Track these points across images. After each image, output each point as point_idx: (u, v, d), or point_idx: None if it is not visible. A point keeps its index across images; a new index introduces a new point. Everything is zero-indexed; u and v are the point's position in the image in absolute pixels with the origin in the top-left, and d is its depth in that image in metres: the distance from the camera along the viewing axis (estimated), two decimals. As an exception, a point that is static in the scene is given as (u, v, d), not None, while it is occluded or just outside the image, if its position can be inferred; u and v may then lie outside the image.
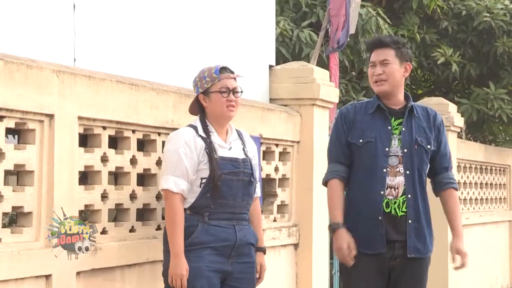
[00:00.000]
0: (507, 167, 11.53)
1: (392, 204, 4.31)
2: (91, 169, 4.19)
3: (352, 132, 4.42)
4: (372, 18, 9.33)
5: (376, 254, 4.30)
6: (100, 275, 4.13)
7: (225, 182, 4.09)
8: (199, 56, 5.64)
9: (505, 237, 11.51)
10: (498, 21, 11.26)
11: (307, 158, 6.14)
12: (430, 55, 11.40)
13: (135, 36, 5.22)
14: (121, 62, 5.00)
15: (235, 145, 4.24)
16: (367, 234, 4.31)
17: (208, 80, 4.17)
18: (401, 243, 4.31)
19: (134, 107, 4.37)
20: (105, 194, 4.24)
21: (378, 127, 4.38)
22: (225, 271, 4.11)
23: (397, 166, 4.33)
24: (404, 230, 4.30)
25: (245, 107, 5.42)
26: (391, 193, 4.31)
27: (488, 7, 11.33)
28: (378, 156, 4.33)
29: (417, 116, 4.42)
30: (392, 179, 4.32)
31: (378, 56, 4.41)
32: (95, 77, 4.13)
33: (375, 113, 4.41)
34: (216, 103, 4.16)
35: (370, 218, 4.31)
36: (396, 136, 4.36)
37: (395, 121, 4.40)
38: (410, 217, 4.31)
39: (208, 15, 5.95)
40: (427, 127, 4.42)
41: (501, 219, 11.27)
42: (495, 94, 11.45)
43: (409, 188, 4.32)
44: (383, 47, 4.41)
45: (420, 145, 4.36)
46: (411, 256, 4.31)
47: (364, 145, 4.37)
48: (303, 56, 8.69)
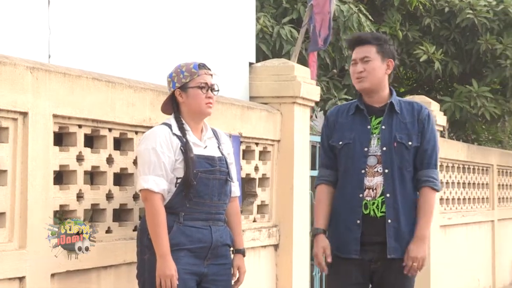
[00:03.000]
0: (489, 167, 11.53)
1: (371, 205, 4.26)
2: (66, 168, 4.13)
3: (334, 134, 4.40)
4: (353, 15, 9.28)
5: (352, 258, 4.23)
6: (76, 277, 4.06)
7: (201, 181, 4.03)
8: (177, 52, 5.57)
9: (487, 238, 11.52)
10: (481, 18, 11.26)
11: (287, 157, 6.08)
12: (412, 52, 11.38)
13: (111, 33, 5.15)
14: (97, 59, 4.94)
15: (211, 143, 4.19)
16: (344, 238, 4.30)
17: (186, 75, 4.11)
18: (381, 245, 4.25)
19: (111, 105, 4.30)
20: (81, 194, 4.18)
21: (357, 127, 4.35)
22: (200, 273, 4.06)
23: (375, 166, 4.28)
24: (383, 231, 4.24)
25: (225, 105, 5.36)
26: (369, 194, 4.26)
27: (471, 4, 11.33)
28: (356, 157, 4.30)
29: (398, 112, 4.34)
30: (370, 180, 4.28)
31: (359, 53, 4.36)
32: (71, 74, 4.07)
33: (355, 113, 4.38)
34: (195, 99, 4.10)
35: (349, 221, 4.28)
36: (375, 135, 4.31)
37: (376, 119, 4.34)
38: (389, 217, 4.25)
39: (187, 11, 5.89)
40: (409, 122, 4.34)
41: (483, 219, 11.27)
42: (478, 92, 11.46)
43: (388, 187, 4.26)
44: (364, 44, 4.36)
45: (399, 142, 4.29)
46: (391, 257, 4.24)
47: (343, 147, 4.35)
48: (283, 53, 8.63)
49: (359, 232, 4.25)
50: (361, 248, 4.26)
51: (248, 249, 4.86)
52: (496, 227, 11.77)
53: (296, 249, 6.09)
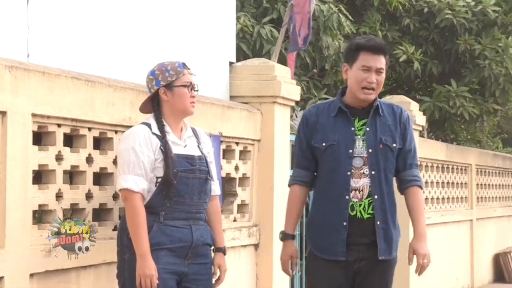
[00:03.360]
0: (468, 166, 11.59)
1: (357, 206, 4.23)
2: (46, 168, 4.10)
3: (315, 135, 4.33)
4: (333, 14, 9.29)
5: (337, 260, 4.23)
6: (55, 277, 4.04)
7: (181, 180, 4.02)
8: (157, 52, 5.55)
9: (466, 237, 11.57)
10: (460, 18, 11.32)
11: (268, 156, 6.08)
12: (392, 52, 11.40)
13: (91, 31, 5.12)
14: (76, 58, 4.90)
15: (190, 142, 4.17)
16: (330, 240, 4.26)
17: (172, 74, 4.09)
18: (367, 246, 4.24)
19: (90, 104, 4.28)
20: (60, 194, 4.15)
21: (341, 129, 4.29)
22: (181, 273, 4.04)
23: (362, 167, 4.25)
24: (369, 232, 4.23)
25: (205, 104, 5.35)
26: (356, 195, 4.23)
27: (450, 5, 11.38)
28: (341, 159, 4.25)
29: (382, 114, 4.33)
30: (357, 181, 4.24)
31: (375, 62, 4.22)
32: (50, 73, 4.04)
33: (338, 115, 4.32)
34: (180, 98, 4.09)
35: (335, 223, 4.24)
36: (360, 137, 4.27)
37: (359, 121, 4.31)
38: (378, 219, 4.23)
39: (167, 10, 5.87)
40: (392, 125, 4.33)
41: (462, 219, 11.32)
42: (457, 92, 11.52)
43: (375, 189, 4.24)
44: (381, 54, 4.25)
45: (385, 144, 4.28)
46: (382, 258, 4.24)
47: (327, 148, 4.29)
48: (264, 52, 8.62)
49: (345, 233, 4.22)
50: (346, 248, 4.24)
51: (228, 249, 4.85)
52: (475, 226, 11.83)
53: (276, 248, 6.07)
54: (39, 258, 3.87)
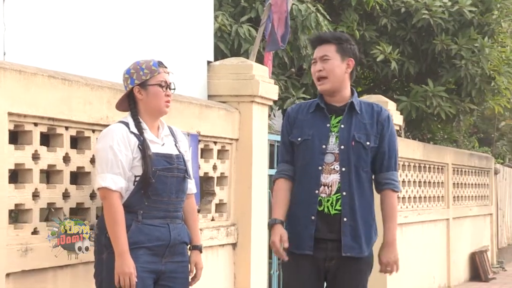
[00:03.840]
0: (445, 165, 11.65)
1: (325, 202, 4.27)
2: (22, 167, 4.07)
3: (294, 130, 4.42)
4: (311, 14, 9.29)
5: (306, 255, 4.24)
6: (31, 277, 4.01)
7: (160, 179, 4.02)
8: (134, 50, 5.53)
9: (442, 236, 11.64)
10: (437, 18, 11.36)
11: (246, 156, 6.07)
12: (369, 52, 11.44)
13: (68, 30, 5.08)
14: (53, 56, 4.87)
15: (168, 141, 4.19)
16: (298, 234, 4.31)
17: (146, 72, 4.09)
18: (334, 243, 4.26)
19: (67, 103, 4.26)
20: (37, 193, 4.12)
21: (317, 125, 4.36)
22: (158, 271, 4.05)
23: (332, 163, 4.29)
24: (337, 229, 4.26)
25: (183, 103, 5.33)
26: (325, 191, 4.28)
27: (427, 5, 11.42)
28: (314, 153, 4.31)
29: (359, 112, 4.36)
30: (326, 177, 4.29)
31: (319, 52, 4.39)
32: (26, 72, 4.01)
33: (316, 111, 4.40)
34: (155, 97, 4.09)
35: (304, 217, 4.30)
36: (334, 133, 4.33)
37: (335, 118, 4.36)
38: (345, 215, 4.26)
39: (144, 8, 5.84)
40: (369, 123, 4.36)
41: (439, 218, 11.38)
42: (433, 91, 11.56)
43: (345, 186, 4.27)
44: (324, 43, 4.39)
45: (357, 141, 4.30)
46: (346, 255, 4.26)
47: (302, 143, 4.36)
48: (242, 52, 8.61)
49: (313, 228, 4.26)
50: (314, 245, 4.27)
51: (206, 248, 4.85)
52: (451, 225, 11.89)
53: (254, 247, 6.09)
54: (15, 258, 3.84)
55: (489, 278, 12.99)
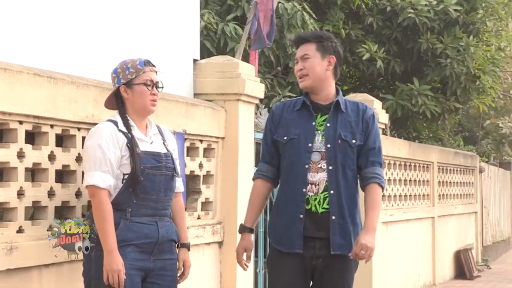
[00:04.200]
0: (430, 164, 11.69)
1: (313, 200, 4.28)
2: (7, 165, 4.06)
3: (278, 129, 4.41)
4: (297, 12, 9.29)
5: (294, 253, 4.25)
6: (16, 276, 3.99)
7: (148, 177, 4.04)
8: (120, 48, 5.51)
9: (428, 234, 11.68)
10: (422, 17, 11.40)
11: (232, 154, 6.07)
12: (355, 51, 11.46)
13: (53, 28, 5.06)
14: (38, 54, 4.84)
15: (156, 139, 4.20)
16: (287, 232, 4.31)
17: (132, 71, 4.10)
18: (322, 241, 4.27)
19: (53, 101, 4.24)
20: (22, 192, 4.11)
21: (303, 123, 4.36)
22: (146, 269, 4.06)
23: (319, 162, 4.30)
24: (325, 227, 4.26)
25: (169, 102, 5.32)
26: (312, 189, 4.28)
27: (413, 4, 11.45)
28: (301, 152, 4.31)
29: (344, 111, 4.36)
30: (313, 175, 4.29)
31: (300, 52, 4.41)
32: (11, 70, 3.99)
33: (301, 110, 4.41)
34: (140, 96, 4.10)
35: (292, 216, 4.30)
36: (320, 132, 4.33)
37: (321, 117, 4.37)
38: (333, 214, 4.26)
39: (130, 6, 5.82)
40: (354, 121, 4.37)
41: (424, 216, 11.42)
42: (419, 90, 11.60)
43: (332, 184, 4.27)
44: (304, 43, 4.41)
45: (344, 139, 4.31)
46: (336, 253, 4.26)
47: (288, 142, 4.36)
48: (228, 50, 8.60)
49: (302, 226, 4.26)
50: (304, 243, 4.27)
51: (192, 246, 4.83)
52: (436, 223, 11.93)
53: (240, 246, 6.08)
54: (0, 257, 3.82)
55: (474, 276, 13.05)
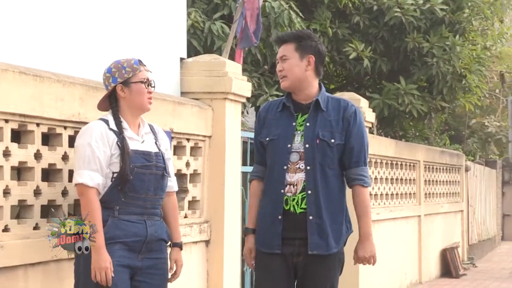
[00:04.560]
0: (416, 163, 11.72)
1: (291, 201, 4.30)
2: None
3: (263, 130, 4.45)
4: (284, 11, 9.30)
5: (275, 253, 4.27)
6: (2, 275, 3.97)
7: (137, 176, 4.05)
8: (106, 47, 5.49)
9: (414, 232, 11.71)
10: (409, 16, 11.42)
11: (219, 153, 6.06)
12: (342, 50, 11.47)
13: (39, 25, 5.04)
14: (24, 53, 4.82)
15: (148, 138, 4.21)
16: (266, 233, 4.35)
17: (128, 71, 4.13)
18: (302, 240, 4.28)
19: (39, 100, 4.22)
20: (7, 190, 4.09)
21: (283, 124, 4.38)
22: (134, 267, 4.07)
23: (297, 162, 4.31)
24: (304, 227, 4.27)
25: (157, 100, 5.29)
26: (290, 190, 4.30)
27: (399, 3, 11.47)
28: (280, 153, 4.34)
29: (324, 109, 4.36)
30: (292, 176, 4.31)
31: (279, 52, 4.45)
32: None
33: (283, 110, 4.42)
34: (138, 94, 4.13)
35: (271, 216, 4.33)
36: (300, 132, 4.34)
37: (301, 116, 4.37)
38: (311, 214, 4.27)
39: (117, 5, 5.80)
40: (334, 120, 4.35)
41: (411, 214, 11.45)
42: (405, 89, 11.62)
43: (310, 184, 4.28)
44: (284, 43, 4.42)
45: (322, 139, 4.31)
46: (313, 252, 4.27)
47: (269, 143, 4.40)
48: (215, 49, 8.59)
49: (280, 227, 4.29)
50: (282, 242, 4.29)
51: (179, 245, 4.83)
52: (423, 222, 11.97)
53: (227, 245, 6.08)
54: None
55: (459, 274, 13.09)
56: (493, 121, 19.53)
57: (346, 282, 4.56)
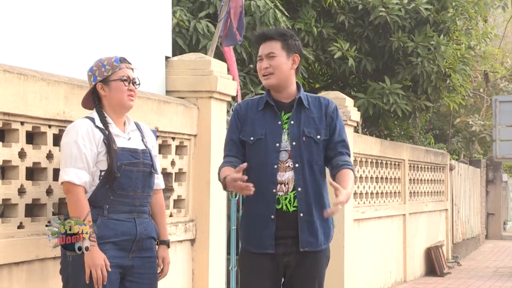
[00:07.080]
0: (401, 162, 11.75)
1: (283, 200, 4.27)
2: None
3: (244, 129, 4.37)
4: (269, 10, 9.30)
5: (266, 253, 4.25)
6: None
7: (125, 173, 4.04)
8: (91, 45, 5.48)
9: (399, 231, 11.74)
10: (394, 16, 11.44)
11: (204, 151, 6.06)
12: (327, 49, 11.47)
13: (23, 23, 5.02)
14: (8, 51, 4.80)
15: (134, 136, 4.21)
16: (259, 233, 4.31)
17: (108, 69, 4.11)
18: (294, 239, 4.28)
19: (23, 98, 4.20)
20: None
21: (268, 123, 4.34)
22: (125, 266, 4.07)
23: (287, 161, 4.30)
24: (295, 225, 4.26)
25: (141, 99, 5.30)
26: (282, 189, 4.28)
27: (384, 2, 11.49)
28: (269, 152, 4.30)
29: (307, 107, 4.36)
30: (282, 175, 4.29)
31: (264, 49, 4.35)
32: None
33: (265, 109, 4.38)
34: (117, 92, 4.11)
35: (263, 216, 4.29)
36: (286, 130, 4.32)
37: (285, 115, 4.36)
38: (301, 211, 4.27)
39: (103, 3, 5.78)
40: (317, 117, 4.36)
41: (395, 213, 11.48)
42: (390, 88, 11.65)
43: (299, 182, 4.28)
44: (269, 40, 4.36)
45: (308, 136, 4.31)
46: (304, 250, 4.27)
47: (255, 142, 4.33)
48: (200, 47, 8.58)
49: (274, 227, 4.27)
50: (275, 242, 4.28)
51: (165, 244, 4.82)
52: (407, 220, 12.01)
53: (213, 243, 6.08)
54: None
55: (444, 273, 13.14)
56: (477, 120, 19.62)
57: (331, 281, 4.56)
